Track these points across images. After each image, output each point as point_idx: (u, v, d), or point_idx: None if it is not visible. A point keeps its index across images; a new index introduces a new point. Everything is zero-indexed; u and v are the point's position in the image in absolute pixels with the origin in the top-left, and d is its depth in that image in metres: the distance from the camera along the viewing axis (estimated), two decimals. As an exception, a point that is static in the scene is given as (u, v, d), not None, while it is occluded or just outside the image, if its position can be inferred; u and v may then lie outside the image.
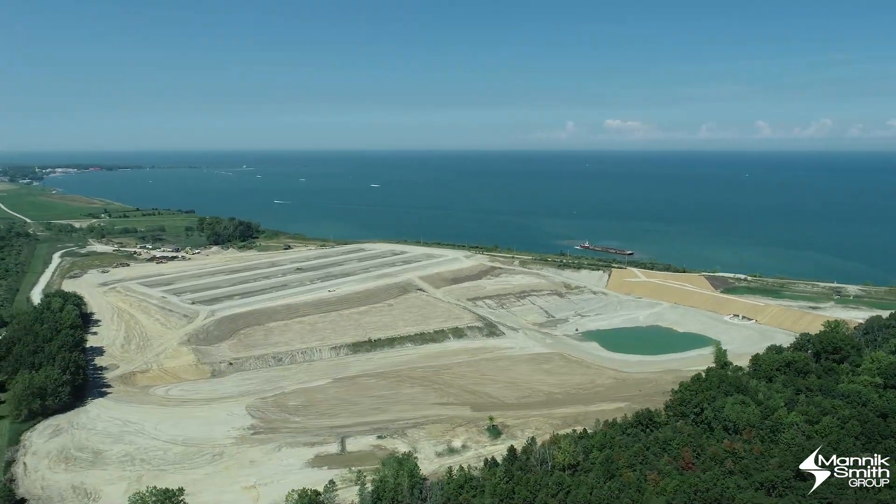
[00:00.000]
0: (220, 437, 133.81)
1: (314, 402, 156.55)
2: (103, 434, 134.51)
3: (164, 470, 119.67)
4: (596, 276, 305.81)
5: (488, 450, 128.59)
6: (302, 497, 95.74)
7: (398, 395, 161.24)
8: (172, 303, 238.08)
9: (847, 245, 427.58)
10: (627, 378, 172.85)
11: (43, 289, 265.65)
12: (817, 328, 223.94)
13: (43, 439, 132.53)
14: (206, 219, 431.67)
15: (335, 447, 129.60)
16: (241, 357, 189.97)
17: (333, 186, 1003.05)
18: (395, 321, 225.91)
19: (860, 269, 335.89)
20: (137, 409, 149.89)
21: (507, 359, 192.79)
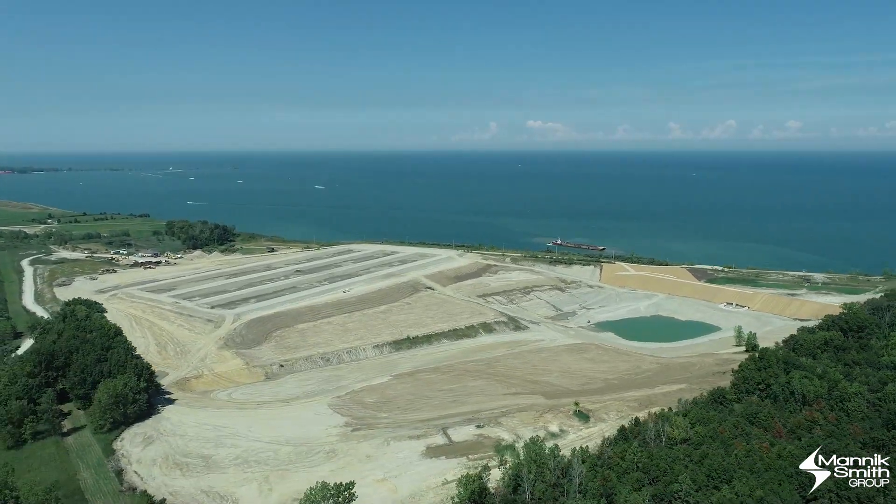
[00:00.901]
0: (322, 436, 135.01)
1: (389, 398, 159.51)
2: (201, 439, 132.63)
3: (287, 469, 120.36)
4: (588, 270, 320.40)
5: (585, 432, 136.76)
6: (468, 482, 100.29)
7: (465, 388, 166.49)
8: (190, 308, 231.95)
9: (791, 237, 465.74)
10: (669, 363, 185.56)
11: (34, 298, 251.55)
12: (806, 312, 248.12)
13: (138, 448, 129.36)
14: (175, 223, 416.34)
15: (440, 438, 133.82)
16: (290, 359, 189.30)
17: (276, 188, 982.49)
18: (421, 319, 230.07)
19: (809, 259, 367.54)
20: (217, 414, 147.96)
21: (546, 350, 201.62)
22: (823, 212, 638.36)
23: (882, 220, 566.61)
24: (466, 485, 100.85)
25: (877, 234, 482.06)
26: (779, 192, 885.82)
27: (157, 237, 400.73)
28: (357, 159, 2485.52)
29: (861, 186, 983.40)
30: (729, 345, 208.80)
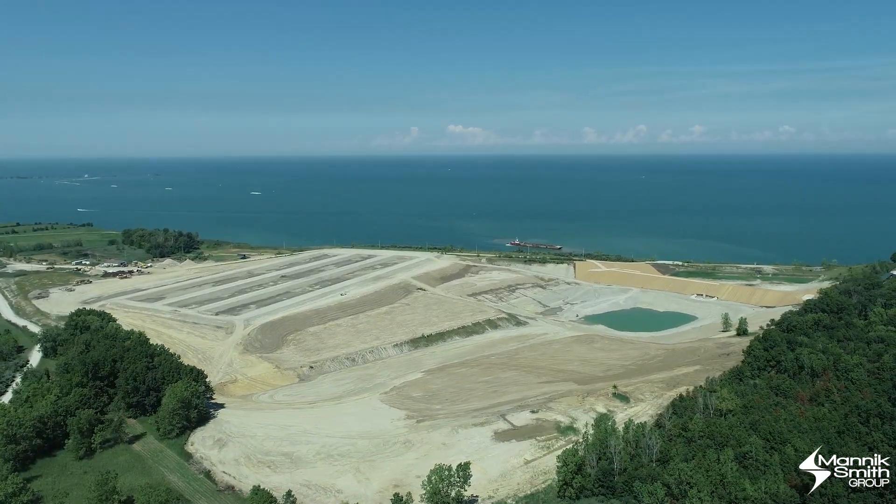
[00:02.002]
0: (391, 428, 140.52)
1: (433, 391, 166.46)
2: (273, 439, 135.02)
3: (373, 460, 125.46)
4: (562, 268, 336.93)
5: (630, 411, 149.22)
6: (569, 457, 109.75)
7: (500, 379, 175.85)
8: (192, 315, 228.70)
9: (723, 233, 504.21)
10: (674, 349, 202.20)
11: (14, 312, 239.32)
12: (769, 300, 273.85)
13: (213, 450, 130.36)
14: (132, 231, 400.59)
15: (503, 424, 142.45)
16: (317, 360, 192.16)
17: (211, 195, 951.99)
18: (427, 318, 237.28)
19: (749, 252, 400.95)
20: (275, 415, 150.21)
21: (556, 342, 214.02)
22: (752, 210, 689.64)
23: (799, 216, 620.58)
24: (567, 461, 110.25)
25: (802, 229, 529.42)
26: (708, 192, 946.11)
27: (114, 247, 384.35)
28: (281, 165, 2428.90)
29: (775, 186, 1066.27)
30: (716, 330, 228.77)
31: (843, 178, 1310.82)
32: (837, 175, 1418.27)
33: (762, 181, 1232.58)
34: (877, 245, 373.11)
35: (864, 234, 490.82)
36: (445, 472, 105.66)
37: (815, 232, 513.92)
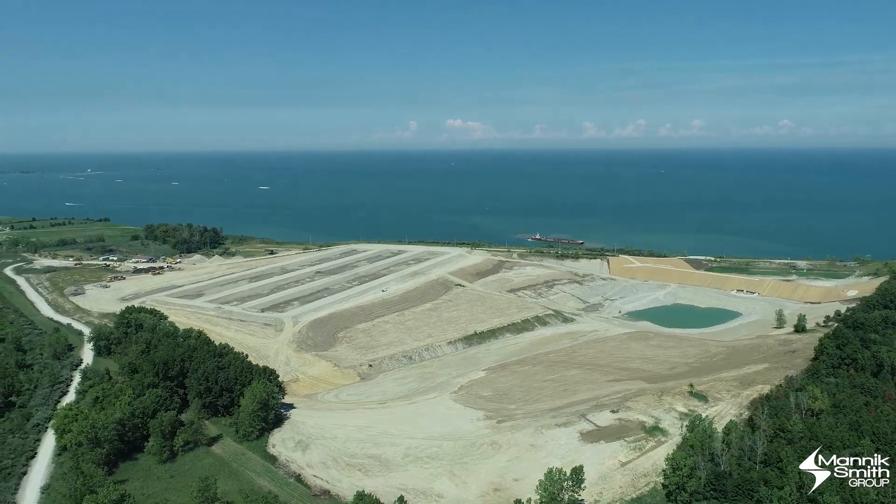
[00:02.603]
0: (473, 429, 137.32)
1: (502, 390, 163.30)
2: (355, 440, 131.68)
3: (465, 462, 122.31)
4: (595, 264, 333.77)
5: (712, 411, 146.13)
6: (680, 461, 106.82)
7: (566, 377, 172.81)
8: (238, 313, 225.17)
9: (742, 227, 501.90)
10: (734, 346, 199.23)
11: (53, 309, 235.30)
12: (813, 296, 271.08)
13: (297, 453, 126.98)
14: (154, 227, 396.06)
15: (586, 424, 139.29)
16: (375, 359, 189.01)
17: (219, 190, 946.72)
18: (474, 315, 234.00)
19: (772, 247, 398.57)
20: (349, 415, 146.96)
21: (610, 339, 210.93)
22: (766, 204, 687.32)
23: (810, 211, 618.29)
24: (678, 464, 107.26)
25: (817, 224, 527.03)
26: (723, 187, 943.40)
27: (139, 242, 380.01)
28: (281, 159, 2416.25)
29: (786, 181, 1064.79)
30: (768, 327, 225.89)
31: (848, 172, 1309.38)
32: (842, 170, 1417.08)
33: (768, 176, 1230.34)
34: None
35: (885, 229, 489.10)
36: (557, 475, 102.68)
37: (833, 227, 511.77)
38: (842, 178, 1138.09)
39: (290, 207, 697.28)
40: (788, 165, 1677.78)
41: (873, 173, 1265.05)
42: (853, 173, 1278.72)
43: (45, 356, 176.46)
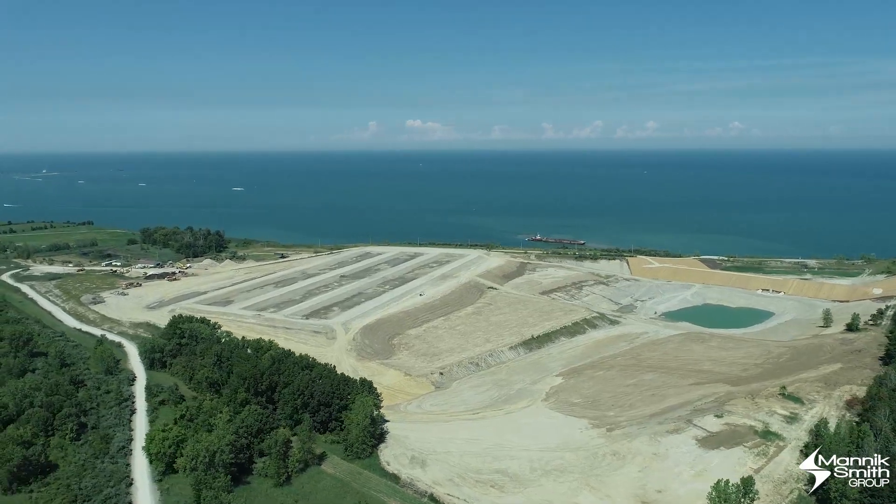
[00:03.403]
0: (585, 439, 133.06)
1: (589, 396, 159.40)
2: (472, 454, 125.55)
3: (597, 475, 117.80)
4: (614, 265, 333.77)
5: (812, 413, 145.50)
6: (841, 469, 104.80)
7: (645, 381, 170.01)
8: (281, 320, 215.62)
9: (733, 227, 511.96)
10: (795, 346, 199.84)
11: (75, 318, 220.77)
12: (839, 294, 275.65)
13: (416, 470, 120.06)
14: (151, 230, 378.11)
15: (697, 430, 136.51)
16: (443, 366, 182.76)
17: (191, 191, 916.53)
18: (522, 318, 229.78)
19: (770, 246, 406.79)
20: (449, 427, 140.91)
21: (666, 341, 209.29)
22: (749, 204, 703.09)
23: (786, 211, 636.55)
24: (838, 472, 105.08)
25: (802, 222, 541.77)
26: (693, 186, 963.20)
27: (137, 246, 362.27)
28: (243, 160, 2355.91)
29: (758, 181, 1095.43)
30: (812, 326, 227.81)
31: (803, 172, 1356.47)
32: (796, 170, 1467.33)
33: (731, 176, 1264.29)
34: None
35: (859, 226, 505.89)
36: (726, 487, 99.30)
37: (813, 225, 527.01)
38: (799, 177, 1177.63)
39: (269, 208, 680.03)
40: (745, 165, 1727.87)
41: (828, 173, 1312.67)
42: (809, 173, 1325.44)
43: (95, 371, 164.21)
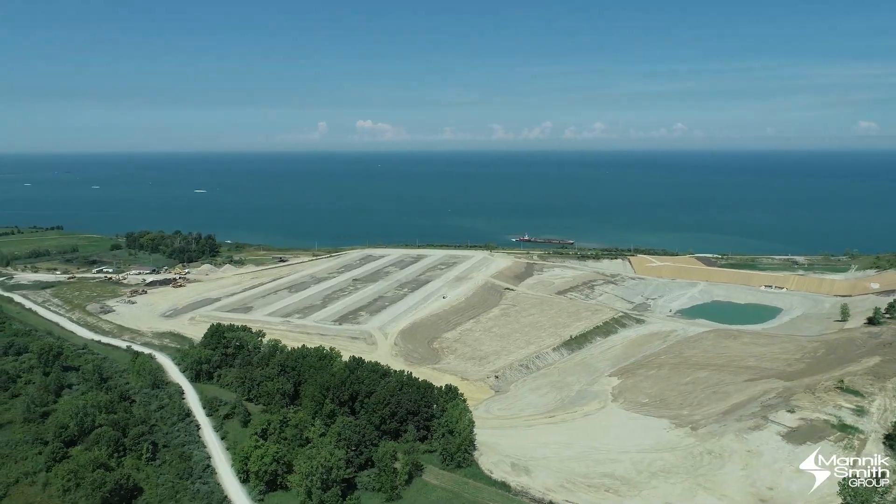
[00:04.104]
0: (673, 438, 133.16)
1: (655, 395, 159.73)
2: (572, 459, 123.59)
3: (704, 475, 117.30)
4: (617, 264, 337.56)
5: (876, 405, 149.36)
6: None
7: (700, 379, 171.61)
8: (313, 326, 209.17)
9: (707, 224, 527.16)
10: (827, 341, 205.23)
11: (89, 330, 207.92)
12: (839, 289, 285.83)
13: (523, 478, 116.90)
14: (138, 235, 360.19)
15: (775, 426, 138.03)
16: (496, 369, 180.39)
17: (149, 194, 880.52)
18: (552, 319, 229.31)
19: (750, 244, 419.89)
20: (533, 432, 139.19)
21: (700, 339, 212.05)
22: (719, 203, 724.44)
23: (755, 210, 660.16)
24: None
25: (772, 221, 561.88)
26: (673, 187, 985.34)
27: (126, 252, 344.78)
28: (199, 161, 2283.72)
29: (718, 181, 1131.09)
30: (829, 320, 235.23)
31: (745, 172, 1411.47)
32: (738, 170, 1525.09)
33: (690, 176, 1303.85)
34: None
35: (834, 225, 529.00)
36: (850, 483, 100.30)
37: (783, 223, 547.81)
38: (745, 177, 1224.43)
39: (239, 211, 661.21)
40: (692, 165, 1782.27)
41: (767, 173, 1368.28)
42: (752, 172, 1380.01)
43: (140, 385, 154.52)
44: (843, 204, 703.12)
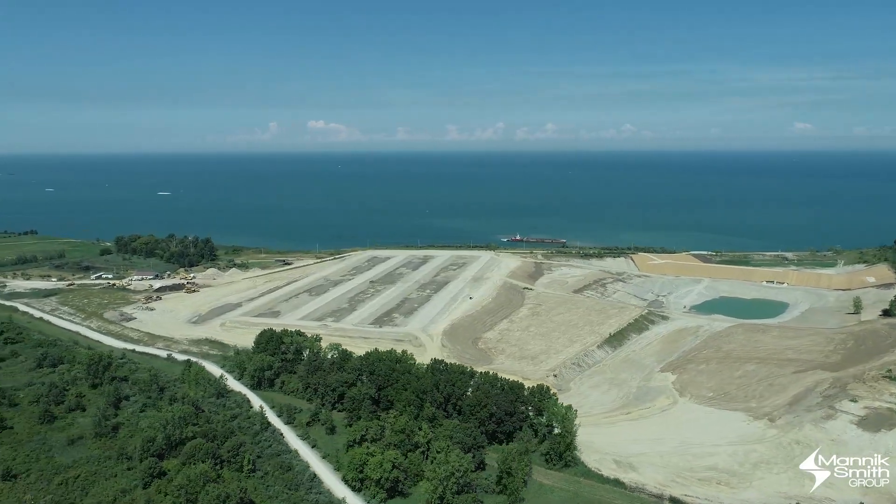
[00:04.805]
0: (755, 430, 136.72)
1: (717, 390, 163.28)
2: (670, 454, 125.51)
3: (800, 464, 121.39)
4: (620, 262, 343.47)
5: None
6: None
7: (750, 372, 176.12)
8: (350, 329, 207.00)
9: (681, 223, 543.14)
10: (854, 333, 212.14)
11: (114, 338, 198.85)
12: (837, 283, 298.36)
13: (631, 474, 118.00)
14: (130, 240, 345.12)
15: (848, 416, 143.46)
16: (552, 368, 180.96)
17: (111, 196, 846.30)
18: (585, 317, 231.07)
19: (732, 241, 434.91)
20: (616, 429, 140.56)
21: (728, 334, 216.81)
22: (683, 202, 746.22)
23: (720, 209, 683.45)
24: None
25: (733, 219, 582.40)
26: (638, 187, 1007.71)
27: (119, 257, 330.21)
28: (148, 163, 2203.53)
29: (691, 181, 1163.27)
30: (842, 313, 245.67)
31: (696, 172, 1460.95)
32: (690, 170, 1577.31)
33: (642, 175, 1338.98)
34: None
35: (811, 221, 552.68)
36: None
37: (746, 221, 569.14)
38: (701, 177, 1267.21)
39: (210, 212, 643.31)
40: (644, 165, 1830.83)
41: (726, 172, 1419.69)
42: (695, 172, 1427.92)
43: (202, 395, 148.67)
44: (798, 203, 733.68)
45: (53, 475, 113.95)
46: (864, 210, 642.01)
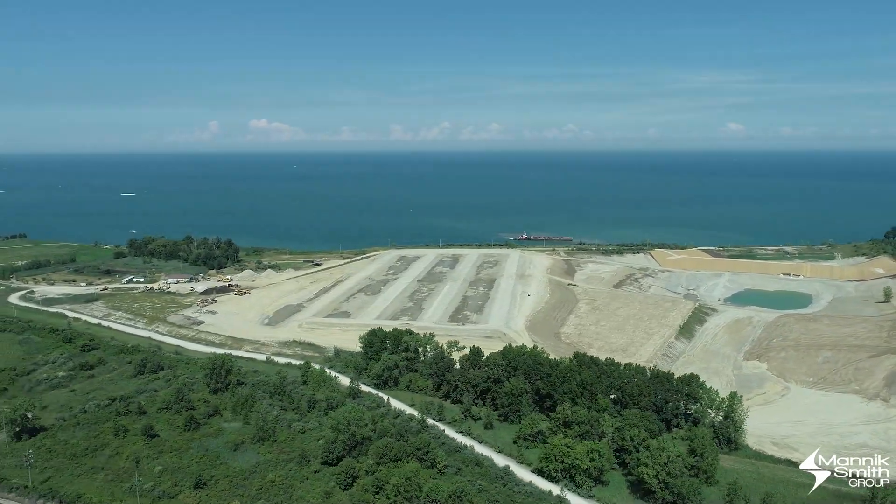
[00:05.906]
0: (877, 410, 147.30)
1: (814, 374, 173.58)
2: (818, 434, 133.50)
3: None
4: (640, 258, 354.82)
5: None
6: None
7: (830, 358, 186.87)
8: (431, 328, 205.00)
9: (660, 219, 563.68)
10: (894, 319, 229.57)
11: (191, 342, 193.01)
12: (849, 275, 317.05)
13: (789, 452, 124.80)
14: (145, 242, 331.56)
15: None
16: (649, 359, 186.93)
17: (72, 198, 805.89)
18: (644, 311, 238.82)
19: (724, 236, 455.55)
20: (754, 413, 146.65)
21: (781, 323, 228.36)
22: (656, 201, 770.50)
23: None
24: None
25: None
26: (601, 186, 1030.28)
27: (141, 261, 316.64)
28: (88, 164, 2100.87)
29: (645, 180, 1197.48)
30: (871, 301, 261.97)
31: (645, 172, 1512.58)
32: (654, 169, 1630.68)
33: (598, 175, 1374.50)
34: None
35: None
36: None
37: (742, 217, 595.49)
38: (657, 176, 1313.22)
39: (179, 214, 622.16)
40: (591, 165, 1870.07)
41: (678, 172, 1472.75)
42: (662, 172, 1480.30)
43: (334, 396, 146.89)
44: (760, 199, 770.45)
45: (243, 481, 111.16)
46: (824, 207, 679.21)
